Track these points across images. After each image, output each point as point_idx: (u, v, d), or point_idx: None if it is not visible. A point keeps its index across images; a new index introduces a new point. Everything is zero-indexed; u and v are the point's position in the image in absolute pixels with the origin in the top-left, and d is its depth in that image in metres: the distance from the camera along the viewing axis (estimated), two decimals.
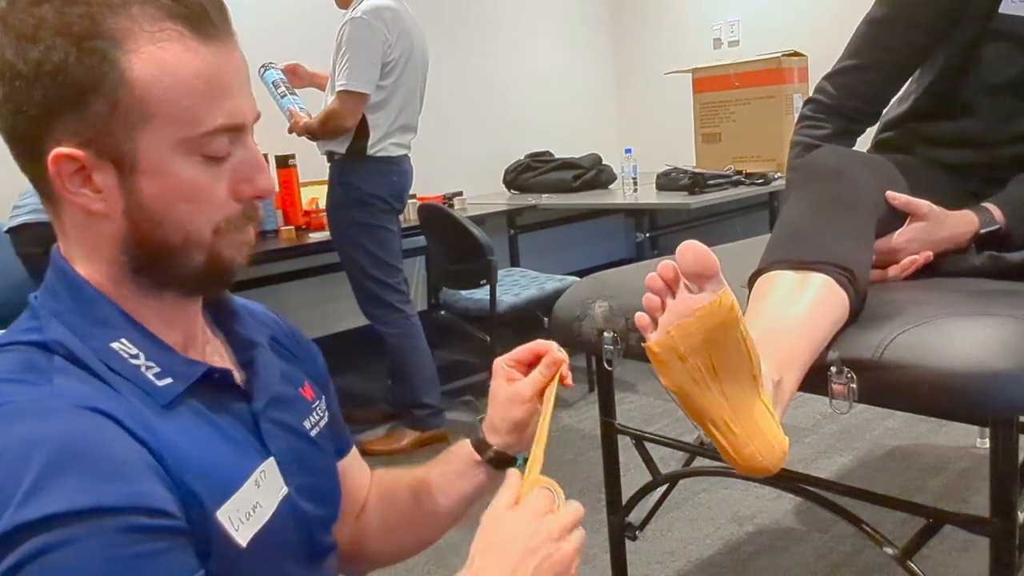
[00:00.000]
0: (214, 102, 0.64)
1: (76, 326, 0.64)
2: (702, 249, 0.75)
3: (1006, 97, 1.19)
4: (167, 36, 0.62)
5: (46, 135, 0.62)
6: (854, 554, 1.89)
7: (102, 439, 0.57)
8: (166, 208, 0.64)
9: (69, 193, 0.63)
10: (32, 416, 0.56)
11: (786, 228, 1.07)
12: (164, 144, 0.63)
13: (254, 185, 0.68)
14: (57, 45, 0.60)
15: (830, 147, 1.20)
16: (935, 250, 1.12)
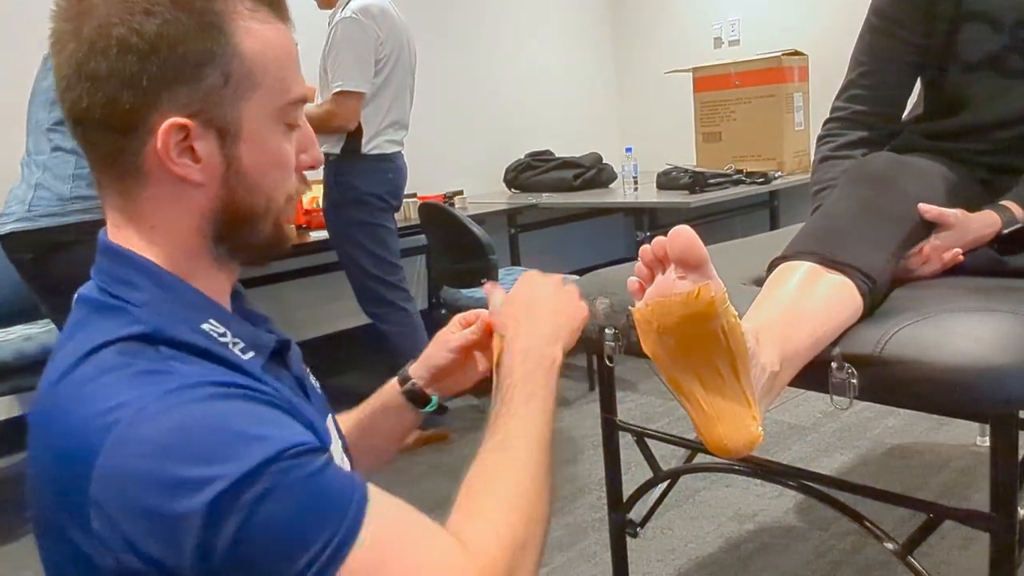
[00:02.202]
0: (295, 73, 0.70)
1: (166, 313, 0.65)
2: (691, 239, 0.76)
3: (987, 75, 1.21)
4: (261, 16, 0.67)
5: (153, 107, 0.64)
6: (855, 552, 1.90)
7: (240, 404, 0.60)
8: (260, 175, 0.68)
9: (172, 163, 0.64)
10: (170, 402, 0.57)
11: (823, 223, 1.08)
12: (264, 113, 0.67)
13: (311, 155, 0.73)
14: (176, 18, 0.62)
15: (883, 154, 1.23)
16: (964, 250, 1.13)
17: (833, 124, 1.33)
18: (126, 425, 0.56)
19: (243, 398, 0.60)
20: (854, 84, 1.30)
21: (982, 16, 1.18)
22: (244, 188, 0.68)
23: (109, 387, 0.58)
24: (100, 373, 0.59)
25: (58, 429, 0.60)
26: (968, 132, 1.25)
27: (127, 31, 0.62)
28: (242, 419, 0.58)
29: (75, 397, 0.59)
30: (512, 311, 0.87)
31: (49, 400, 0.62)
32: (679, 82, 4.06)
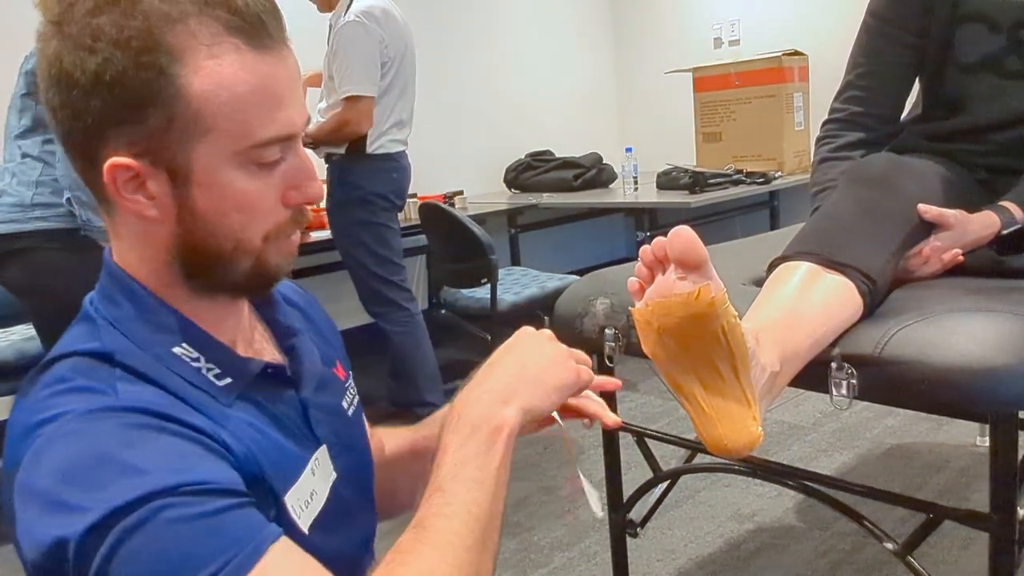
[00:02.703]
0: (268, 114, 0.64)
1: (136, 333, 0.65)
2: (691, 239, 0.76)
3: (985, 76, 1.21)
4: (224, 50, 0.61)
5: (101, 143, 0.62)
6: (854, 552, 1.90)
7: (155, 437, 0.58)
8: (218, 218, 0.65)
9: (123, 199, 0.63)
10: (87, 423, 0.57)
11: (822, 223, 1.08)
12: (218, 157, 0.63)
13: (303, 192, 0.68)
14: (115, 57, 0.59)
15: (883, 155, 1.23)
16: (963, 250, 1.13)
17: (832, 126, 1.33)
18: (44, 440, 0.57)
19: (160, 430, 0.59)
20: (852, 86, 1.31)
21: (979, 17, 1.19)
22: (202, 230, 0.65)
23: (45, 401, 0.60)
24: (46, 385, 0.61)
25: (8, 433, 0.61)
26: (967, 133, 1.25)
27: (71, 66, 0.60)
28: (144, 452, 0.57)
29: (23, 405, 0.62)
30: (482, 366, 0.74)
31: (20, 406, 0.64)
32: (679, 82, 4.06)
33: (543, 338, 0.75)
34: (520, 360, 0.72)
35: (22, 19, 2.24)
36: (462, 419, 0.68)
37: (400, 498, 0.93)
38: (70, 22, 0.61)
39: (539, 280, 3.22)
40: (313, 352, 0.81)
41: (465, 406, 0.69)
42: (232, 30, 0.62)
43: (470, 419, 0.68)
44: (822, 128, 1.35)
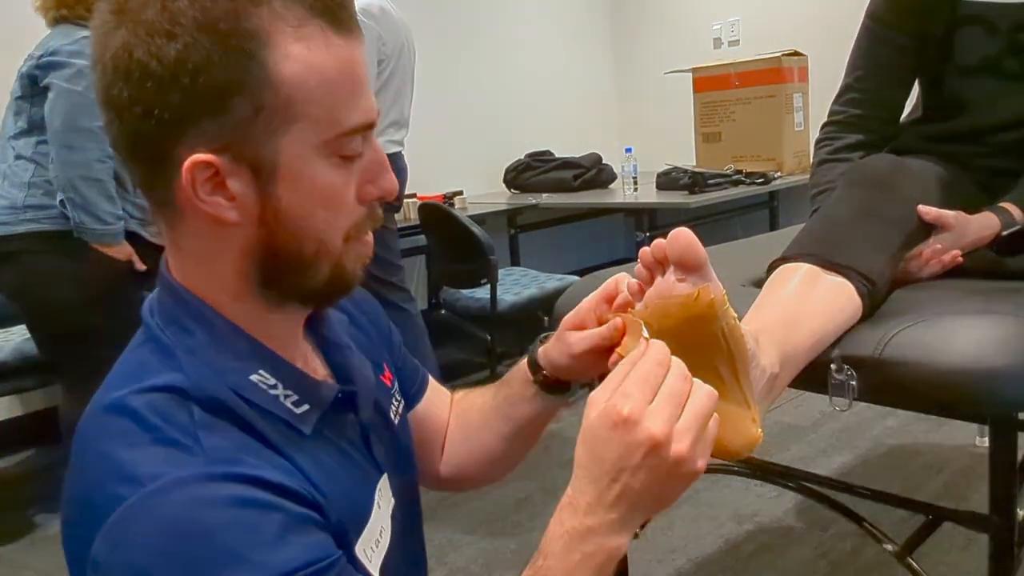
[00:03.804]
0: (353, 100, 0.60)
1: (211, 363, 0.61)
2: (690, 241, 0.75)
3: (983, 79, 1.22)
4: (310, 32, 0.58)
5: (178, 140, 0.57)
6: (854, 553, 1.90)
7: (254, 516, 0.55)
8: (304, 215, 0.60)
9: (200, 202, 0.58)
10: (178, 496, 0.54)
11: (822, 225, 1.08)
12: (306, 147, 0.59)
13: (379, 186, 0.64)
14: (199, 42, 0.55)
15: (882, 156, 1.23)
16: (963, 251, 1.13)
17: (831, 128, 1.33)
18: (132, 507, 0.53)
19: (250, 504, 0.55)
20: (851, 88, 1.31)
21: (978, 20, 1.19)
22: (286, 231, 0.60)
23: (130, 451, 0.56)
24: (127, 431, 0.57)
25: (83, 472, 0.58)
26: (966, 135, 1.25)
27: (146, 55, 0.55)
28: (238, 535, 0.54)
29: (102, 449, 0.57)
30: (578, 450, 0.62)
31: (91, 425, 0.60)
32: (679, 82, 4.06)
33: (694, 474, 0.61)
34: (654, 487, 0.60)
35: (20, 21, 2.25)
36: (576, 540, 0.59)
37: (497, 460, 0.92)
38: (144, 7, 0.56)
39: (539, 280, 3.22)
40: (365, 365, 0.77)
41: (582, 525, 0.60)
42: (316, 12, 0.58)
43: (583, 544, 0.59)
44: (821, 130, 1.35)
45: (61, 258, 2.10)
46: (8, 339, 2.52)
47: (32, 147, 2.10)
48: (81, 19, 2.13)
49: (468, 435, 0.93)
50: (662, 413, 0.59)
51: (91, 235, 2.07)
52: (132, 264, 2.19)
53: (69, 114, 2.00)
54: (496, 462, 0.92)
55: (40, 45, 2.10)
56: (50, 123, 2.02)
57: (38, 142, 2.09)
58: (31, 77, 2.07)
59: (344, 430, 0.69)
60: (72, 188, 2.02)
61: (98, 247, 2.10)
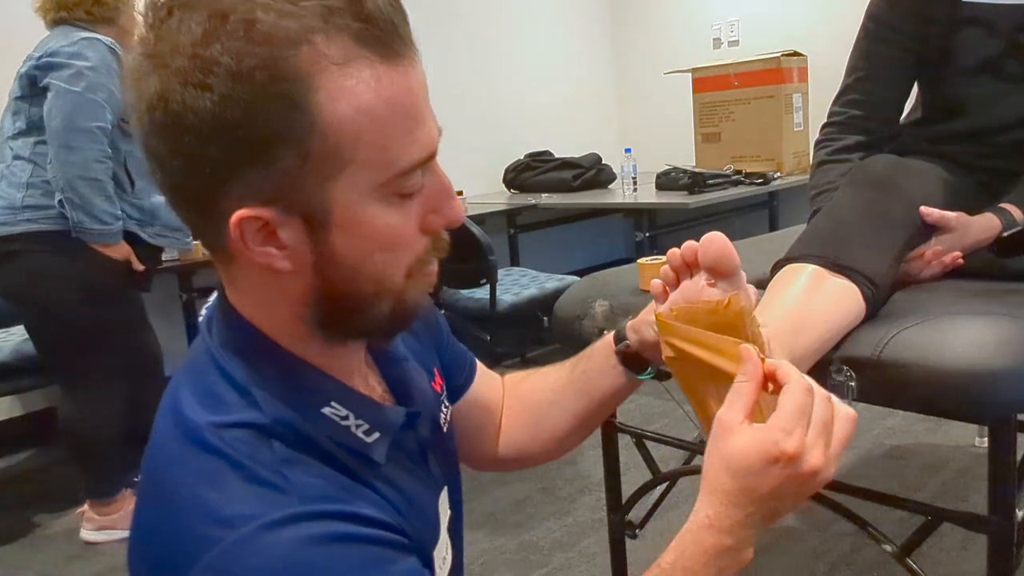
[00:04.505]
0: (409, 135, 0.56)
1: (286, 398, 0.59)
2: (725, 246, 0.74)
3: (984, 80, 1.22)
4: (357, 67, 0.53)
5: (222, 193, 0.54)
6: (853, 553, 1.90)
7: (351, 550, 0.55)
8: (361, 260, 0.57)
9: (250, 251, 0.56)
10: (274, 537, 0.53)
11: (826, 225, 1.08)
12: (359, 191, 0.55)
13: (443, 215, 0.61)
14: (237, 93, 0.51)
15: (884, 156, 1.23)
16: (964, 252, 1.13)
17: (830, 129, 1.33)
18: (224, 552, 0.52)
19: (348, 539, 0.54)
20: (851, 89, 1.31)
21: (978, 21, 1.19)
22: (342, 277, 0.58)
23: (219, 491, 0.54)
24: (214, 469, 0.55)
25: (167, 511, 0.56)
26: (967, 136, 1.25)
27: (180, 107, 0.51)
28: (346, 572, 0.53)
29: (187, 488, 0.55)
30: (718, 478, 0.64)
31: (165, 457, 0.58)
32: (678, 83, 4.06)
33: (803, 475, 0.63)
34: (784, 504, 0.66)
35: (20, 21, 2.25)
36: (713, 555, 0.64)
37: (564, 438, 0.91)
38: (173, 54, 0.51)
39: (538, 280, 3.22)
40: (421, 376, 0.75)
41: (721, 543, 0.64)
42: (363, 42, 0.53)
43: (720, 559, 0.65)
44: (821, 131, 1.35)
45: (59, 258, 2.10)
46: (8, 339, 2.51)
47: (30, 147, 2.10)
48: (80, 21, 2.13)
49: (534, 415, 0.91)
50: (818, 446, 0.61)
51: (89, 235, 2.07)
52: (130, 264, 2.19)
53: (68, 114, 2.01)
54: (563, 440, 0.91)
55: (39, 46, 2.10)
56: (49, 123, 2.03)
57: (36, 142, 2.09)
58: (30, 78, 2.07)
59: (406, 448, 0.68)
60: (70, 188, 2.02)
61: (96, 247, 2.10)
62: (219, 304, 0.64)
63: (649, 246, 3.45)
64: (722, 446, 0.63)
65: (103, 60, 2.06)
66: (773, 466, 0.60)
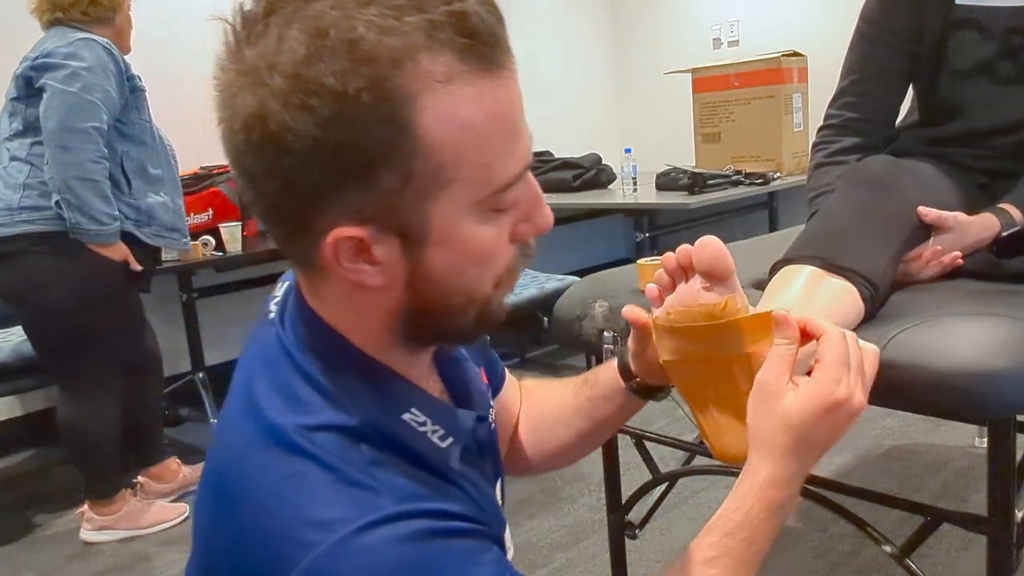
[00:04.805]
0: (509, 150, 0.56)
1: (369, 402, 0.59)
2: (720, 250, 0.74)
3: (980, 82, 1.22)
4: (460, 84, 0.52)
5: (318, 212, 0.53)
6: (853, 553, 1.90)
7: (456, 545, 0.56)
8: (454, 275, 0.57)
9: (342, 268, 0.55)
10: (371, 539, 0.53)
11: (824, 226, 1.08)
12: (459, 209, 0.55)
13: (534, 224, 0.61)
14: (341, 116, 0.50)
15: (882, 157, 1.23)
16: (963, 253, 1.13)
17: (827, 132, 1.33)
18: (324, 555, 0.52)
19: (442, 534, 0.55)
20: (846, 92, 1.31)
21: (972, 24, 1.19)
22: (434, 292, 0.58)
23: (311, 494, 0.54)
24: (304, 473, 0.55)
25: (250, 516, 0.55)
26: (963, 139, 1.25)
27: (279, 128, 0.50)
28: (443, 567, 0.54)
29: (273, 491, 0.55)
30: (776, 439, 0.67)
31: (243, 462, 0.58)
32: (678, 83, 4.06)
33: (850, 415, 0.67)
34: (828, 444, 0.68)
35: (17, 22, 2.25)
36: (775, 506, 0.67)
37: (566, 453, 0.92)
38: (271, 72, 0.50)
39: (538, 280, 3.22)
40: (478, 376, 0.76)
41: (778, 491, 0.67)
42: (466, 57, 0.52)
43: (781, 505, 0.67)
44: (818, 134, 1.35)
45: (57, 259, 2.10)
46: (7, 340, 2.51)
47: (27, 148, 2.10)
48: (76, 22, 2.13)
49: (539, 428, 0.92)
50: (859, 385, 0.67)
51: (87, 236, 2.07)
52: (128, 265, 2.19)
53: (64, 115, 2.01)
54: (567, 454, 0.92)
55: (35, 47, 2.10)
56: (45, 124, 2.02)
57: (33, 143, 2.09)
58: (26, 79, 2.07)
59: (470, 447, 0.68)
60: (67, 189, 2.02)
61: (94, 248, 2.10)
62: (297, 306, 0.63)
63: (649, 246, 3.44)
64: (776, 407, 0.67)
65: (99, 61, 2.06)
66: (829, 415, 0.65)
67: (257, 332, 0.66)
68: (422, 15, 0.50)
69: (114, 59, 2.11)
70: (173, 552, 2.22)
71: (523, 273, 3.40)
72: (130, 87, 2.18)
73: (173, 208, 2.31)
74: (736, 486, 0.68)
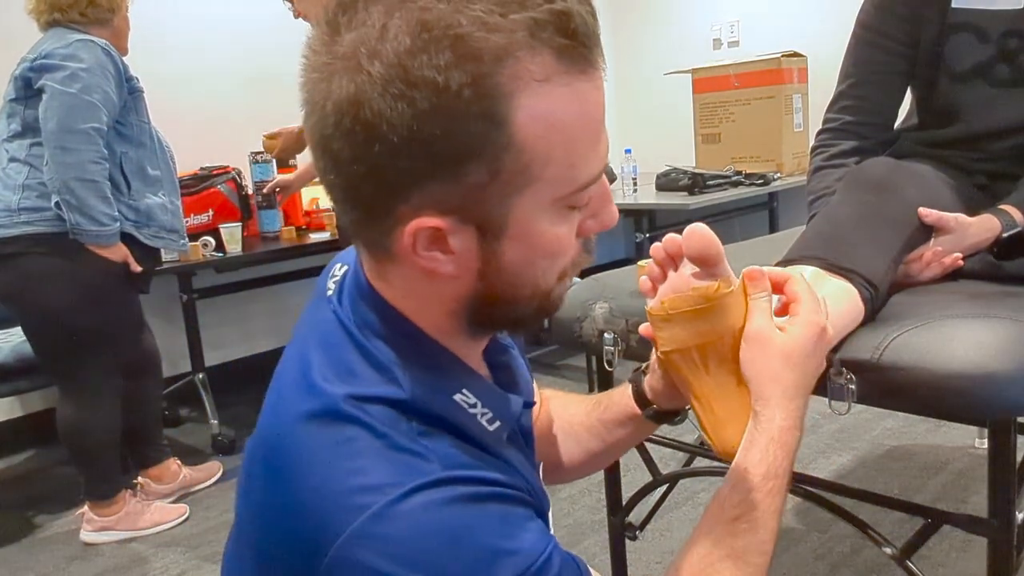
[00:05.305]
0: (592, 149, 0.57)
1: (423, 379, 0.60)
2: (707, 236, 0.74)
3: (977, 85, 1.22)
4: (556, 84, 0.53)
5: (401, 200, 0.54)
6: (853, 554, 1.90)
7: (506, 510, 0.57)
8: (525, 267, 0.58)
9: (416, 256, 0.56)
10: (431, 508, 0.54)
11: (825, 228, 1.08)
12: (538, 206, 0.56)
13: (600, 220, 0.62)
14: (440, 109, 0.50)
15: (882, 159, 1.23)
16: (963, 254, 1.13)
17: (825, 135, 1.33)
18: (374, 517, 0.52)
19: (491, 498, 0.56)
20: (844, 96, 1.31)
21: (968, 27, 1.19)
22: (504, 281, 0.58)
23: (361, 459, 0.55)
24: (354, 438, 0.55)
25: (301, 485, 0.56)
26: (962, 142, 1.25)
27: (375, 116, 0.50)
28: (492, 529, 0.55)
29: (323, 457, 0.55)
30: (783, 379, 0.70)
31: (293, 434, 0.58)
32: (678, 83, 4.06)
33: (828, 341, 0.75)
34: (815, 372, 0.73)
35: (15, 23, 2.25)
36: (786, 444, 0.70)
37: (574, 469, 0.92)
38: (372, 59, 0.50)
39: None
40: (523, 368, 0.77)
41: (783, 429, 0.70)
42: (563, 58, 0.53)
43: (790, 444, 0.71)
44: (816, 138, 1.36)
45: (56, 260, 2.10)
46: (7, 340, 2.51)
47: (26, 149, 2.10)
48: (74, 23, 2.13)
49: (548, 440, 0.92)
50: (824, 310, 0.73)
51: (86, 236, 2.07)
52: (128, 266, 2.19)
53: (63, 116, 2.00)
54: (573, 471, 0.93)
55: (34, 48, 2.10)
56: (44, 125, 2.02)
57: (32, 144, 2.09)
58: (25, 80, 2.07)
59: (516, 435, 0.70)
60: (67, 190, 2.02)
61: (93, 249, 2.10)
62: (359, 289, 0.63)
63: (649, 247, 3.43)
64: (772, 350, 0.71)
65: (98, 62, 2.06)
66: (819, 342, 0.72)
67: (312, 308, 0.67)
68: (526, 13, 0.51)
69: (113, 60, 2.11)
70: (173, 553, 2.22)
71: None
72: (129, 88, 2.17)
73: (172, 209, 2.31)
74: (751, 441, 0.71)
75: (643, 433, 0.90)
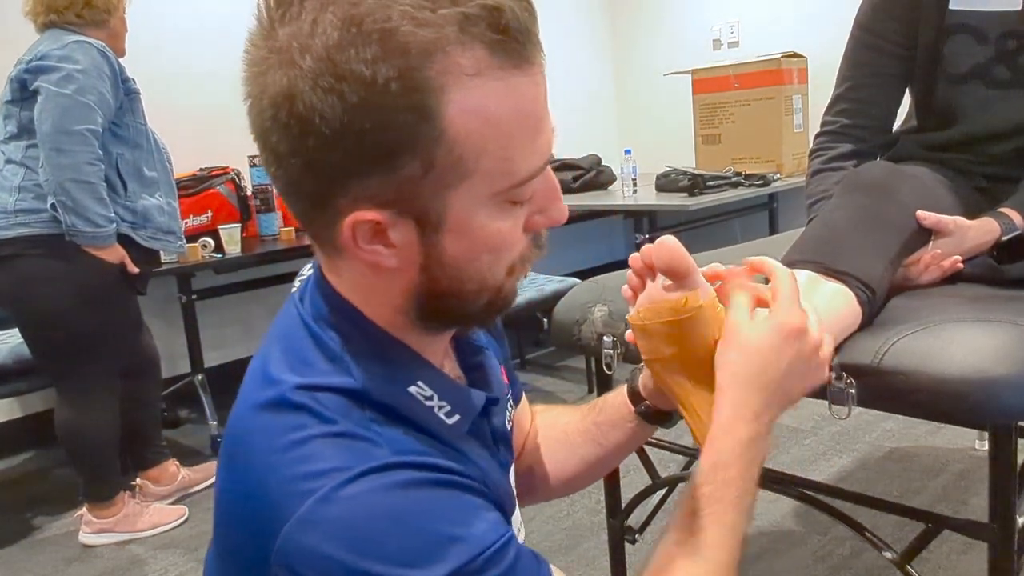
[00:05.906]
0: (530, 144, 0.57)
1: (376, 371, 0.60)
2: (674, 249, 0.74)
3: (974, 86, 1.22)
4: (488, 78, 0.52)
5: (339, 194, 0.55)
6: (853, 557, 1.89)
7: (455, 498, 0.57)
8: (468, 262, 0.59)
9: (358, 250, 0.57)
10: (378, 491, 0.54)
11: (822, 231, 1.08)
12: (476, 200, 0.56)
13: (548, 215, 0.62)
14: (368, 103, 0.50)
15: (880, 162, 1.23)
16: (963, 257, 1.13)
17: (824, 138, 1.33)
18: (321, 500, 0.52)
19: (442, 484, 0.56)
20: (842, 99, 1.31)
21: (966, 28, 1.19)
22: (447, 277, 0.59)
23: (309, 446, 0.55)
24: (301, 426, 0.56)
25: (253, 472, 0.56)
26: (961, 144, 1.25)
27: (307, 110, 0.51)
28: (440, 515, 0.54)
29: (272, 444, 0.56)
30: (736, 368, 0.69)
31: (248, 423, 0.59)
32: (678, 84, 4.06)
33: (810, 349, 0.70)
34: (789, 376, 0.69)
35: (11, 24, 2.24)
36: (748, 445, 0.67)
37: (569, 480, 0.91)
38: (304, 53, 0.51)
39: (537, 282, 3.21)
40: (496, 369, 0.77)
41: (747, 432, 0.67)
42: (496, 52, 0.52)
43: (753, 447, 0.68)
44: (815, 141, 1.36)
45: (53, 262, 2.09)
46: (5, 342, 2.51)
47: (22, 151, 2.09)
48: (70, 24, 2.12)
49: (544, 451, 0.91)
50: (814, 324, 0.69)
51: (83, 238, 2.07)
52: (125, 267, 2.18)
53: (58, 117, 2.00)
54: (570, 482, 0.92)
55: (29, 50, 2.09)
56: (39, 127, 2.02)
57: (28, 146, 2.09)
58: (20, 81, 2.06)
59: (481, 433, 0.69)
60: (63, 191, 2.01)
61: (90, 250, 2.09)
62: (317, 282, 0.65)
63: None
64: (735, 341, 0.69)
65: (93, 63, 2.06)
66: (786, 341, 0.68)
67: (282, 310, 0.68)
68: (456, 8, 0.51)
69: (109, 62, 2.10)
70: (171, 555, 2.22)
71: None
72: (125, 90, 2.17)
73: (168, 211, 2.31)
74: (709, 439, 0.69)
75: (639, 437, 0.89)
